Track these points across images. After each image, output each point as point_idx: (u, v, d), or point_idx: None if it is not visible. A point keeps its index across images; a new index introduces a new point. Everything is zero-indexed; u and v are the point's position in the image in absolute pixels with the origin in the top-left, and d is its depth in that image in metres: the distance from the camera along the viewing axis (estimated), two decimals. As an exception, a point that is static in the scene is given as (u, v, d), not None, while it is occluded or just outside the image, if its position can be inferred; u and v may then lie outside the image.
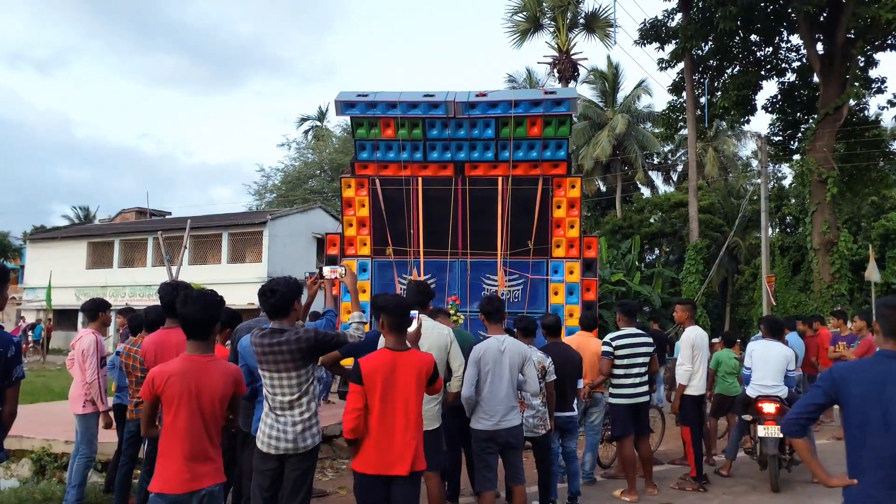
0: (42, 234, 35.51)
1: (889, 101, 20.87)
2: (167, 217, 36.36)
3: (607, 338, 6.59)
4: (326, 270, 4.68)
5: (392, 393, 3.75)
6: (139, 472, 5.30)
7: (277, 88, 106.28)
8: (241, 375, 3.64)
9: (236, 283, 23.68)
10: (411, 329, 4.22)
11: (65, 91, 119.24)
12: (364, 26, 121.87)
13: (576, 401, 6.36)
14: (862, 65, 20.34)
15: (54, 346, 27.72)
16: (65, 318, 30.60)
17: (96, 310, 6.21)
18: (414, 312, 4.35)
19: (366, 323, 4.32)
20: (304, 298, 4.35)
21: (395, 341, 3.87)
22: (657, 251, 35.34)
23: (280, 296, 3.93)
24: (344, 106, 9.60)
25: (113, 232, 31.80)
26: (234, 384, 3.54)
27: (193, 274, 24.57)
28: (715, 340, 9.31)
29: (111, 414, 6.10)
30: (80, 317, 27.28)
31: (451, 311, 8.75)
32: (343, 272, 4.66)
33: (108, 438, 6.28)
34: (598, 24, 28.69)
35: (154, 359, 4.67)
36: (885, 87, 21.31)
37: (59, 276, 28.30)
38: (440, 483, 4.95)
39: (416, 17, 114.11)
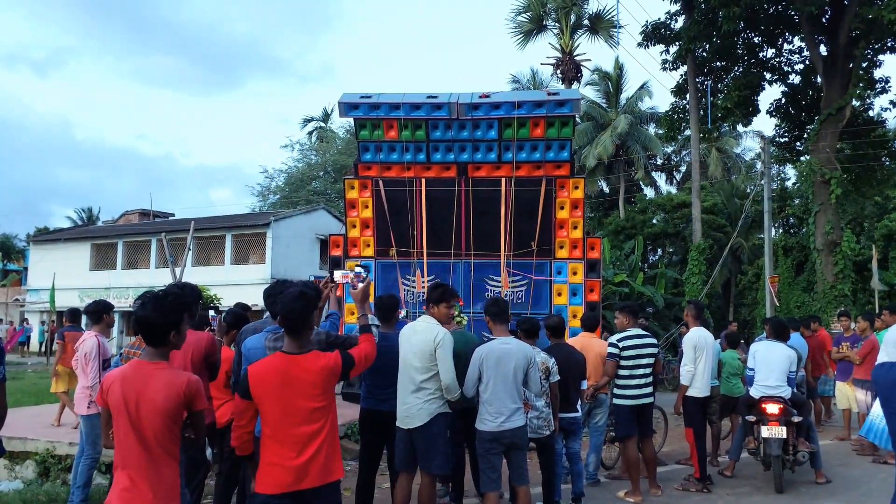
0: (45, 236, 35.59)
1: (892, 102, 20.85)
2: (170, 219, 36.43)
3: (613, 339, 6.59)
4: (338, 274, 4.61)
5: (291, 401, 3.37)
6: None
7: (275, 89, 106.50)
8: (197, 388, 3.11)
9: (240, 285, 23.74)
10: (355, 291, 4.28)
11: (63, 92, 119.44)
12: (363, 26, 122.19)
13: (579, 402, 6.36)
14: (865, 66, 20.31)
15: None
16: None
17: (100, 312, 6.23)
18: (359, 270, 4.44)
19: (379, 326, 4.38)
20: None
21: (291, 344, 3.50)
22: (660, 252, 35.29)
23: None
24: (347, 107, 9.63)
25: (116, 234, 31.86)
26: (183, 398, 3.05)
27: (197, 275, 24.62)
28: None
29: None
30: (84, 319, 27.31)
31: (455, 313, 8.78)
32: (353, 276, 4.49)
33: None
34: (601, 26, 28.69)
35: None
36: (889, 87, 21.29)
37: (62, 277, 28.34)
38: (432, 485, 4.94)
39: (415, 17, 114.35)
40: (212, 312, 5.61)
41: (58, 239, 33.25)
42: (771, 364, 6.87)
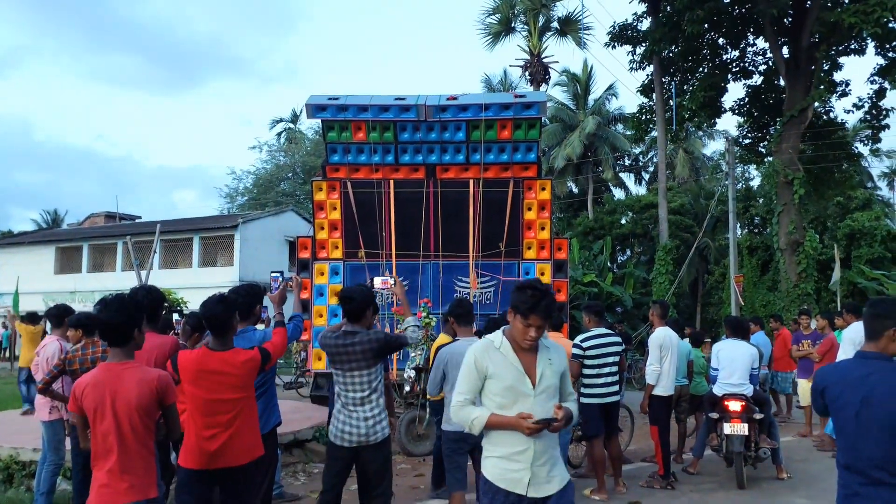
0: (9, 239, 34.80)
1: (854, 105, 21.36)
2: (137, 221, 35.87)
3: (577, 339, 6.66)
4: (378, 281, 5.09)
5: (209, 390, 3.78)
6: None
7: (238, 89, 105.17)
8: (167, 383, 3.32)
9: (208, 288, 23.43)
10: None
11: (21, 93, 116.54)
12: (329, 27, 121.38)
13: None
14: (826, 68, 20.79)
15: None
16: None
17: (61, 316, 6.14)
18: (284, 276, 4.96)
19: (419, 326, 4.70)
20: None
21: (215, 342, 3.91)
22: (629, 252, 35.70)
23: (357, 303, 4.36)
24: (315, 109, 9.59)
25: (81, 236, 31.29)
26: (155, 392, 3.26)
27: (164, 278, 24.29)
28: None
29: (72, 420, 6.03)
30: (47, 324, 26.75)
31: (424, 314, 8.80)
32: (393, 283, 5.08)
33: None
34: (570, 28, 28.95)
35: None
36: (850, 90, 21.84)
37: (26, 281, 27.64)
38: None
39: (382, 18, 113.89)
40: (176, 316, 5.56)
41: (21, 242, 32.55)
42: (734, 362, 7.01)
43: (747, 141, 24.02)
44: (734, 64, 22.54)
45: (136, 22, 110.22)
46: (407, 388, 8.25)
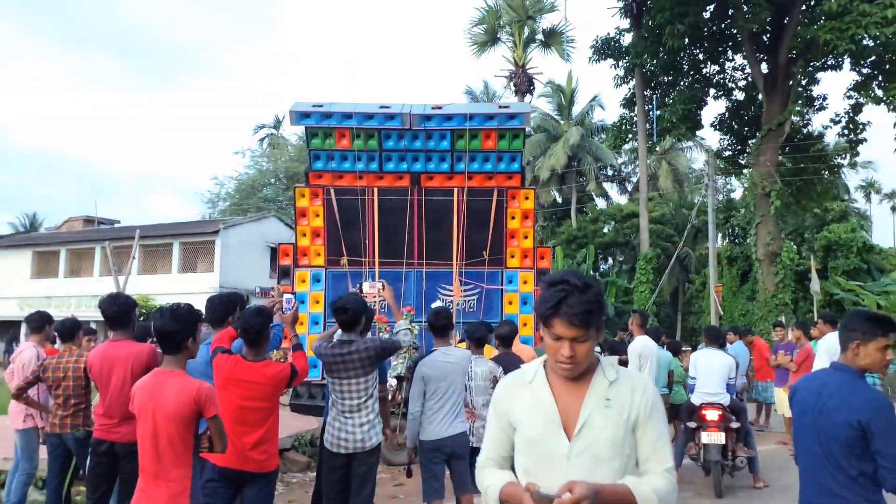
0: (-16, 243, 34.23)
1: (831, 120, 21.72)
2: (116, 226, 35.47)
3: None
4: (366, 286, 5.17)
5: (239, 397, 3.98)
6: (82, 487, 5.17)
7: (219, 93, 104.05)
8: (206, 394, 3.31)
9: (187, 294, 23.23)
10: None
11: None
12: (312, 36, 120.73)
13: None
14: (804, 83, 21.16)
15: (-5, 358, 26.73)
16: (5, 330, 29.55)
17: (42, 322, 6.07)
18: (289, 297, 4.99)
19: (410, 330, 4.85)
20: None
21: (248, 352, 4.07)
22: (611, 260, 35.96)
23: (352, 312, 4.43)
24: (299, 116, 9.58)
25: (59, 241, 30.90)
26: (193, 403, 3.25)
27: (143, 284, 24.06)
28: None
29: (46, 428, 5.94)
30: (24, 328, 26.39)
31: (407, 322, 8.79)
32: (381, 287, 5.25)
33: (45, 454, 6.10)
34: (555, 41, 29.21)
35: (99, 372, 4.60)
36: (826, 104, 22.22)
37: (1, 285, 27.36)
38: None
39: (367, 26, 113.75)
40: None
41: (-4, 246, 32.05)
42: (711, 372, 7.08)
43: (728, 153, 24.34)
44: (714, 78, 22.86)
45: (116, 24, 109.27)
46: (388, 397, 8.23)
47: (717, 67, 22.73)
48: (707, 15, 20.47)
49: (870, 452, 2.75)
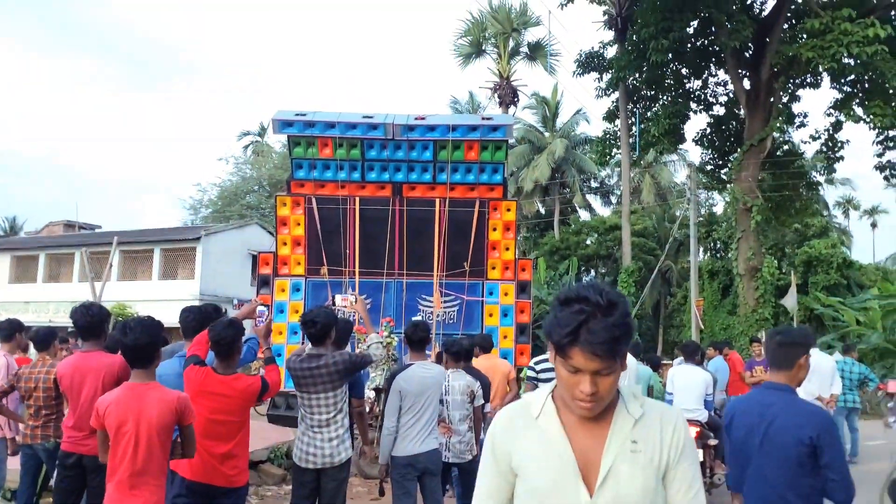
0: (-40, 246, 33.68)
1: (811, 136, 22.01)
2: (96, 231, 35.07)
3: (532, 363, 6.65)
4: (338, 298, 5.17)
5: (208, 410, 3.93)
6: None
7: (204, 99, 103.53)
8: (186, 404, 3.48)
9: (168, 301, 22.98)
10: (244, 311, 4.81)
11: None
12: (296, 45, 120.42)
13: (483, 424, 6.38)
14: (785, 100, 21.42)
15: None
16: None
17: (13, 331, 5.95)
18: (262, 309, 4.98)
19: (382, 343, 4.65)
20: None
21: (219, 365, 4.01)
22: (593, 273, 36.07)
23: (321, 326, 4.39)
24: (281, 124, 9.56)
25: (38, 245, 30.46)
26: (175, 413, 3.43)
27: (122, 291, 23.78)
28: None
29: (18, 439, 5.82)
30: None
31: (386, 333, 8.74)
32: (353, 300, 5.10)
33: (16, 465, 5.98)
34: (539, 54, 29.42)
35: (70, 384, 4.51)
36: (807, 121, 22.53)
37: (-23, 290, 26.93)
38: None
39: (347, 38, 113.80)
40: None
41: (-27, 249, 31.54)
42: (688, 388, 7.08)
43: (709, 168, 24.57)
44: (696, 93, 23.10)
45: (97, 26, 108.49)
46: (366, 410, 8.16)
47: (699, 83, 22.99)
48: (691, 31, 20.70)
49: (818, 468, 2.80)
